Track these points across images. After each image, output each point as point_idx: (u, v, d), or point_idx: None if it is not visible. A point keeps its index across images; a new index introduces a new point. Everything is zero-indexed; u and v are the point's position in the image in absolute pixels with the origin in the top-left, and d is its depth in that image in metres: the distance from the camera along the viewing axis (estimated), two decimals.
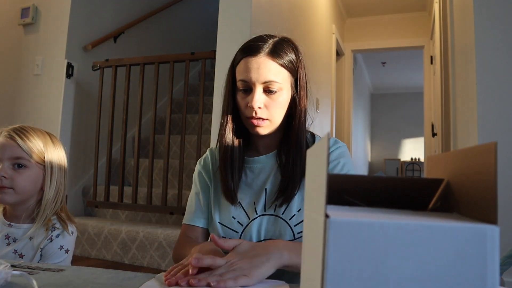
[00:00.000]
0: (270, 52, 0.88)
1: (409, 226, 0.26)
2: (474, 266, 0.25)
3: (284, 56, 0.89)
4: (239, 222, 0.90)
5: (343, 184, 0.33)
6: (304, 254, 0.35)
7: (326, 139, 0.29)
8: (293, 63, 0.90)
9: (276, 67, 0.88)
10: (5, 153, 0.99)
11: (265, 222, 0.89)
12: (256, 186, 0.93)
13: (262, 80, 0.87)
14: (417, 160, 9.10)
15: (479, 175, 0.28)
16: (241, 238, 0.89)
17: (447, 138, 2.95)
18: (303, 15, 3.28)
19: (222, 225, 0.91)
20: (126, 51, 3.17)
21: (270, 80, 0.87)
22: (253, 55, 0.88)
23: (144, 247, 2.21)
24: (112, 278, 0.68)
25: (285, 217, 0.88)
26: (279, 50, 0.89)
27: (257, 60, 0.87)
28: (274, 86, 0.87)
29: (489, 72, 1.92)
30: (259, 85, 0.87)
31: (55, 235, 1.02)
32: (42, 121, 2.64)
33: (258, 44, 0.89)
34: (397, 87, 9.68)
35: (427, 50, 4.87)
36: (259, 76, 0.87)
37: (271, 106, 0.88)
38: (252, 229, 0.89)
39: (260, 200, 0.91)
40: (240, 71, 0.90)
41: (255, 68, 0.87)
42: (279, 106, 0.89)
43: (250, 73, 0.87)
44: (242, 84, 0.89)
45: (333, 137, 1.00)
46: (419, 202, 0.34)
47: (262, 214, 0.90)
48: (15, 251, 0.99)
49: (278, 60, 0.88)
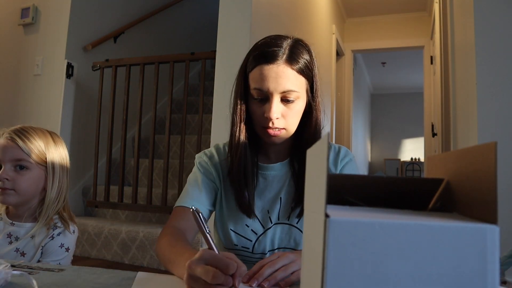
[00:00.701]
0: (288, 59, 0.82)
1: (409, 226, 0.26)
2: (474, 266, 0.25)
3: (301, 61, 0.84)
4: (253, 230, 0.88)
5: (343, 184, 0.33)
6: (304, 254, 0.35)
7: (326, 139, 0.29)
8: (308, 67, 0.86)
9: (294, 75, 0.83)
10: (6, 155, 0.99)
11: (279, 231, 0.88)
12: (270, 194, 0.90)
13: (280, 90, 0.82)
14: (417, 160, 9.10)
15: (479, 175, 0.28)
16: (254, 247, 0.87)
17: (447, 138, 2.95)
18: (303, 15, 3.28)
19: (236, 233, 0.89)
20: (126, 51, 3.17)
21: (289, 90, 0.82)
22: (270, 62, 0.82)
23: (144, 247, 2.21)
24: (112, 278, 0.68)
25: (300, 226, 0.87)
26: (296, 55, 0.83)
27: (275, 68, 0.81)
28: (292, 95, 0.83)
29: (489, 72, 1.92)
30: (276, 95, 0.82)
31: (56, 233, 1.02)
32: (42, 121, 2.64)
33: (274, 50, 0.83)
34: (397, 87, 9.68)
35: (427, 50, 4.87)
36: (278, 85, 0.81)
37: (288, 116, 0.84)
38: (266, 238, 0.87)
39: (275, 209, 0.89)
40: (255, 79, 0.83)
41: (272, 77, 0.81)
42: (296, 115, 0.85)
43: (267, 82, 0.82)
44: (258, 93, 0.84)
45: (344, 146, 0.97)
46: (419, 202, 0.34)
47: (277, 223, 0.88)
48: (17, 249, 1.00)
49: (295, 66, 0.83)
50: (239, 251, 0.89)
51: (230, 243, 0.89)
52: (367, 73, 8.46)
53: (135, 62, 2.62)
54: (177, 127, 3.37)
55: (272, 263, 0.68)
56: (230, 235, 0.89)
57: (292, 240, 0.87)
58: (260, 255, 0.87)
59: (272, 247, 0.87)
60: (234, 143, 0.88)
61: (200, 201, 0.89)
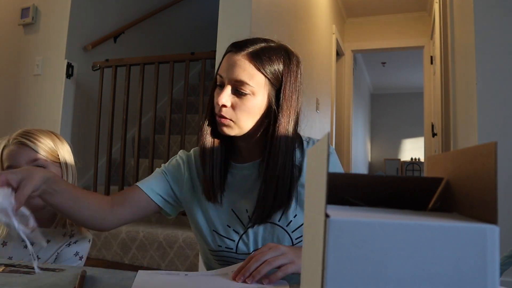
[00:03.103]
0: (251, 54, 0.84)
1: (409, 226, 0.26)
2: (474, 266, 0.25)
3: (267, 62, 0.84)
4: (234, 230, 0.89)
5: (343, 184, 0.33)
6: (304, 254, 0.35)
7: (326, 139, 0.29)
8: (274, 74, 0.84)
9: (252, 70, 0.83)
10: (21, 158, 0.98)
11: (262, 230, 0.88)
12: (246, 193, 0.90)
13: (233, 78, 0.83)
14: (417, 160, 9.10)
15: (479, 175, 0.28)
16: (238, 246, 0.88)
17: (447, 138, 2.95)
18: (303, 15, 3.28)
19: (219, 235, 0.89)
20: (126, 51, 3.16)
21: (241, 80, 0.83)
22: (234, 52, 0.85)
23: (144, 247, 2.21)
24: (112, 278, 0.68)
25: (282, 224, 0.87)
26: (263, 55, 0.84)
27: (236, 57, 0.84)
28: (245, 88, 0.83)
29: (489, 72, 1.92)
30: (229, 83, 0.84)
31: (73, 241, 1.02)
32: (42, 121, 2.64)
33: (245, 42, 0.86)
34: (397, 87, 9.68)
35: (427, 50, 4.87)
36: (232, 73, 0.83)
37: (238, 108, 0.84)
38: (249, 237, 0.88)
39: (253, 208, 0.88)
40: (221, 65, 0.87)
41: (230, 64, 0.84)
42: (247, 111, 0.84)
43: (225, 68, 0.85)
44: (218, 79, 0.87)
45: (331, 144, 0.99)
46: (419, 202, 0.34)
47: (257, 222, 0.87)
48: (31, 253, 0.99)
49: (257, 64, 0.83)
50: (223, 252, 0.89)
51: (215, 245, 0.89)
52: (367, 73, 8.46)
53: (135, 62, 2.62)
54: (177, 127, 3.36)
55: (260, 256, 0.69)
56: (214, 237, 0.89)
57: (275, 238, 0.87)
58: (244, 255, 0.87)
59: (256, 246, 0.87)
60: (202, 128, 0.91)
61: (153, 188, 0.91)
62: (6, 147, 1.00)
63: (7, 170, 0.71)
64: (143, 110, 2.62)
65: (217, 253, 0.90)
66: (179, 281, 0.68)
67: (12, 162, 0.98)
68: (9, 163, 0.98)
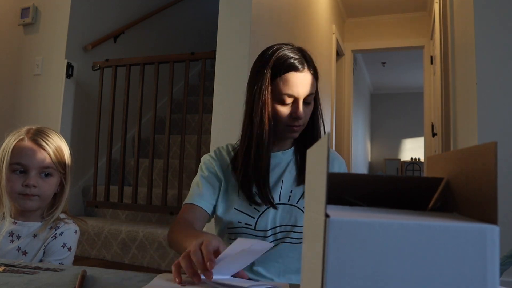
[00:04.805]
0: (309, 67, 0.97)
1: (409, 226, 0.26)
2: (474, 266, 0.25)
3: (313, 68, 0.99)
4: (255, 208, 0.98)
5: (343, 184, 0.33)
6: (304, 254, 0.35)
7: (326, 139, 0.29)
8: (317, 73, 1.00)
9: (313, 81, 0.98)
10: (34, 161, 0.98)
11: (281, 210, 0.97)
12: (273, 178, 1.01)
13: (306, 93, 0.96)
14: (417, 160, 9.10)
15: (479, 175, 0.28)
16: (257, 224, 0.97)
17: (447, 138, 2.95)
18: (303, 15, 3.28)
19: (240, 211, 0.98)
20: (126, 51, 3.16)
21: (311, 93, 0.97)
22: (299, 70, 0.95)
23: (144, 247, 2.21)
24: (112, 278, 0.68)
25: (300, 205, 0.98)
26: (312, 62, 0.99)
27: (303, 75, 0.96)
28: (311, 98, 0.98)
29: (489, 72, 1.92)
30: (302, 98, 0.96)
31: (58, 233, 1.03)
32: (42, 121, 2.64)
33: (299, 59, 0.97)
34: (397, 87, 9.68)
35: (427, 50, 4.87)
36: (305, 90, 0.96)
37: (307, 114, 0.99)
38: (268, 215, 0.97)
39: (276, 191, 0.99)
40: (286, 84, 0.95)
41: (301, 83, 0.95)
42: (310, 112, 1.01)
43: (297, 88, 0.95)
44: (288, 98, 0.96)
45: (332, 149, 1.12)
46: (419, 202, 0.34)
47: (278, 203, 0.98)
48: (18, 248, 1.00)
49: (313, 73, 0.98)
50: (242, 228, 0.98)
51: (235, 221, 0.98)
52: (367, 73, 8.46)
53: (135, 62, 2.62)
54: (177, 127, 3.36)
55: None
56: (235, 213, 0.98)
57: (292, 218, 0.96)
58: (262, 232, 0.96)
59: (274, 223, 0.97)
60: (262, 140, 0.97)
61: (204, 198, 1.00)
62: (22, 142, 1.00)
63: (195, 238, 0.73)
64: (143, 110, 2.62)
65: (235, 230, 0.98)
66: None
67: (23, 161, 0.98)
68: (19, 161, 0.98)
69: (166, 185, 2.41)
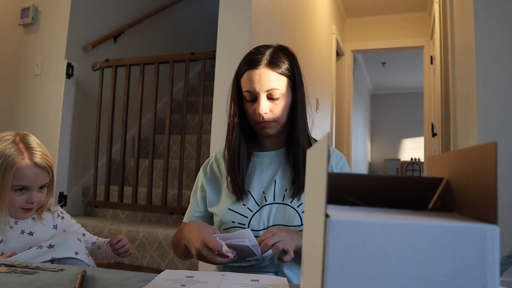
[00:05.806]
0: (269, 64, 0.99)
1: (409, 226, 0.26)
2: (474, 266, 0.25)
3: (281, 64, 1.00)
4: (249, 208, 1.00)
5: (343, 184, 0.33)
6: (304, 254, 0.35)
7: (326, 139, 0.29)
8: (289, 70, 1.01)
9: (275, 76, 0.99)
10: (36, 182, 1.06)
11: (275, 209, 0.99)
12: (266, 178, 1.04)
13: (265, 89, 0.98)
14: (417, 160, 9.10)
15: (479, 175, 0.28)
16: (250, 223, 0.99)
17: (447, 138, 2.95)
18: (303, 15, 3.28)
19: (233, 211, 1.00)
20: (126, 51, 3.16)
21: (272, 88, 0.98)
22: (255, 68, 0.99)
23: (144, 247, 2.21)
24: (112, 278, 0.68)
25: (293, 205, 0.99)
26: (276, 60, 1.00)
27: (258, 72, 0.98)
28: (276, 93, 0.98)
29: (489, 72, 1.92)
30: (263, 94, 0.98)
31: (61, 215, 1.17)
32: (42, 121, 2.64)
33: (257, 57, 1.00)
34: (397, 87, 9.68)
35: (427, 50, 4.87)
36: (262, 86, 0.98)
37: (275, 110, 1.00)
38: (262, 214, 0.99)
39: (270, 190, 1.02)
40: (245, 83, 1.01)
41: (257, 79, 0.98)
42: (283, 109, 1.00)
43: (253, 84, 0.99)
44: (248, 95, 1.00)
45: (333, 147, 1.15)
46: (419, 202, 0.34)
47: (272, 202, 1.00)
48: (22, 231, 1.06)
49: (276, 69, 0.99)
50: (236, 229, 1.00)
51: (229, 221, 1.01)
52: (367, 73, 8.46)
53: (135, 62, 2.62)
54: (177, 127, 3.36)
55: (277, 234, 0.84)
56: (228, 213, 1.01)
57: (286, 217, 0.98)
58: (255, 232, 0.98)
59: (268, 223, 0.98)
60: (229, 137, 1.04)
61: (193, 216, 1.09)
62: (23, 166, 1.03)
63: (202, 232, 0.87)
64: (143, 110, 2.61)
65: (230, 230, 1.01)
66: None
67: (28, 183, 1.04)
68: (24, 183, 1.03)
69: (166, 185, 2.41)
